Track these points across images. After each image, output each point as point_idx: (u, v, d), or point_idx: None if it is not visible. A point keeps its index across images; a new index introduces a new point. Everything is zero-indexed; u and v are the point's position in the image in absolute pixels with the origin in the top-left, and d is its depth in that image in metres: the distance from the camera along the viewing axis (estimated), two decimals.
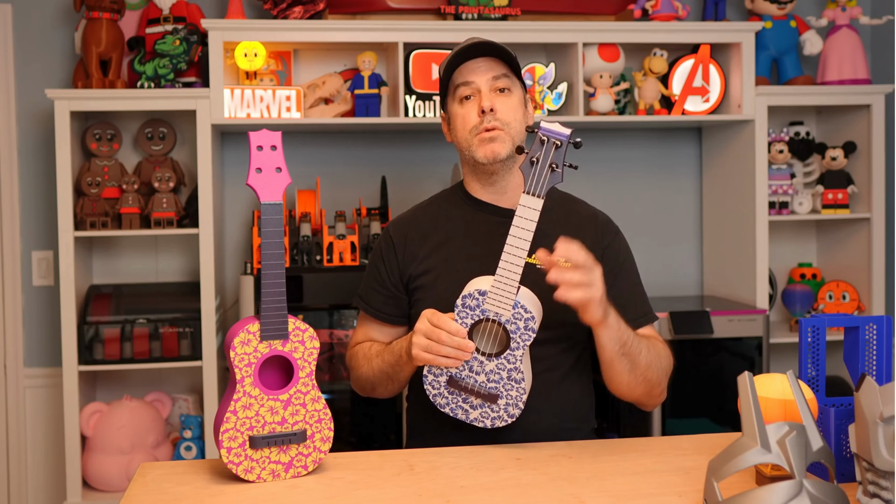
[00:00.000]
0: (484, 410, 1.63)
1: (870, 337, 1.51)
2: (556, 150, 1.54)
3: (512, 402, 1.62)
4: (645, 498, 1.40)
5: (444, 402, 1.65)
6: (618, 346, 1.65)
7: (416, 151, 3.28)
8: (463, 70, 1.80)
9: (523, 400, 1.62)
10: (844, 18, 3.21)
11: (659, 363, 1.74)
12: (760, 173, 3.07)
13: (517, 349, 1.59)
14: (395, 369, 1.76)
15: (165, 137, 3.08)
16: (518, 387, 1.61)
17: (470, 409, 1.64)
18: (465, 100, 1.80)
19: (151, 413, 2.98)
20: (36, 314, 3.18)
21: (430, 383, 1.64)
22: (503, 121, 1.77)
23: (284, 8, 2.92)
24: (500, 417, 1.63)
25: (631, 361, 1.68)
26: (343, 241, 2.90)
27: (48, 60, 3.14)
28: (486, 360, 1.61)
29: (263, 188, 1.49)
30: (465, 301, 1.60)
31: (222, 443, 1.47)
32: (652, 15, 3.05)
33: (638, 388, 1.73)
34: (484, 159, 1.78)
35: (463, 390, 1.63)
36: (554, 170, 1.54)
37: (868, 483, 1.25)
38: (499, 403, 1.62)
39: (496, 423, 1.64)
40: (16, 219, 3.14)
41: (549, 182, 1.54)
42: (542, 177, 1.54)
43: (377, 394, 1.88)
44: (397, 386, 1.82)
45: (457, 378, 1.63)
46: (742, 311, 2.97)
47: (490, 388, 1.62)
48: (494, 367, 1.61)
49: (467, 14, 2.96)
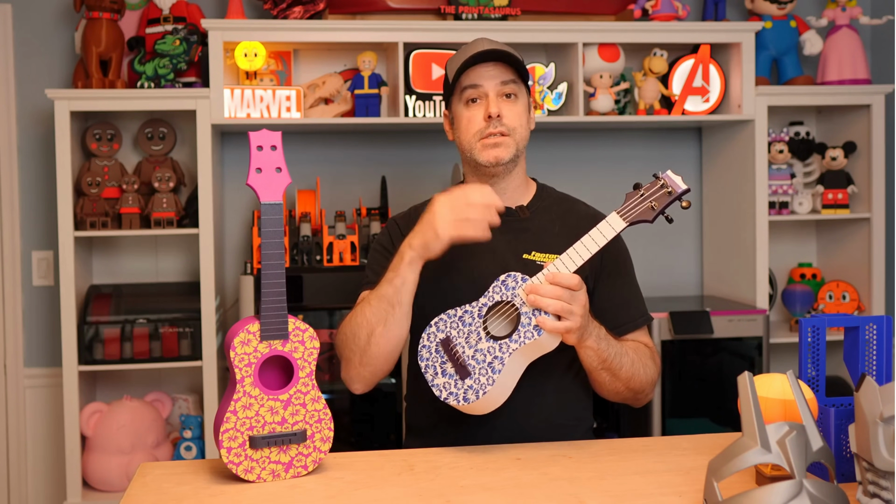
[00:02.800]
0: (448, 381, 1.61)
1: (870, 337, 1.52)
2: (665, 195, 1.60)
3: (477, 386, 1.58)
4: (645, 498, 1.40)
5: (426, 356, 1.64)
6: (597, 362, 1.70)
7: (416, 151, 3.28)
8: (471, 73, 1.80)
9: (485, 392, 1.57)
10: (844, 18, 3.21)
11: (644, 373, 1.77)
12: (760, 173, 3.07)
13: (515, 342, 1.59)
14: (394, 289, 1.65)
15: (165, 137, 3.08)
16: (491, 376, 1.58)
17: (441, 374, 1.62)
18: (472, 102, 1.80)
19: (151, 413, 2.98)
20: (36, 314, 3.18)
21: (428, 335, 1.65)
22: (509, 126, 1.78)
23: (284, 8, 2.92)
24: (456, 395, 1.59)
25: (612, 374, 1.73)
26: (343, 241, 2.90)
27: (48, 60, 3.14)
28: (485, 339, 1.61)
29: (263, 188, 1.49)
30: (506, 279, 1.62)
31: (222, 443, 1.47)
32: (652, 15, 3.05)
33: (620, 395, 1.79)
34: (487, 163, 1.79)
35: (448, 356, 1.62)
36: (652, 209, 1.60)
37: (868, 483, 1.25)
38: (465, 382, 1.60)
39: (448, 399, 1.60)
40: (16, 219, 3.14)
41: (640, 216, 1.60)
42: (638, 208, 1.60)
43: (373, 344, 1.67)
44: (397, 323, 1.66)
45: (453, 341, 1.62)
46: (742, 311, 2.97)
47: (469, 364, 1.60)
48: (486, 349, 1.60)
49: (467, 14, 2.96)
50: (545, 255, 1.77)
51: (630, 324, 1.83)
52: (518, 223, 1.83)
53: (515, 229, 1.81)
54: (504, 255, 1.77)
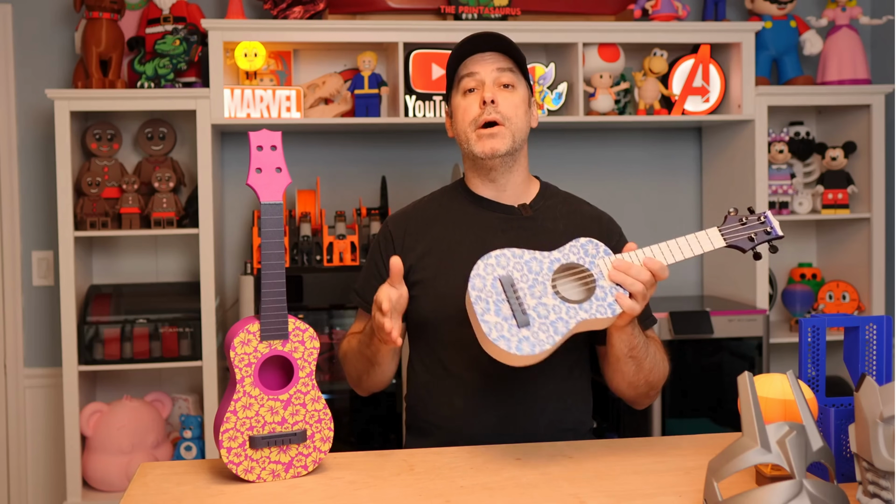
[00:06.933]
0: (501, 322, 1.49)
1: (870, 337, 1.52)
2: (763, 233, 1.67)
3: (534, 340, 1.47)
4: (645, 498, 1.40)
5: (479, 286, 1.52)
6: (627, 348, 1.68)
7: (416, 151, 3.28)
8: (468, 62, 1.80)
9: (543, 349, 1.47)
10: (844, 18, 3.21)
11: (662, 367, 1.77)
12: (760, 173, 3.07)
13: (585, 311, 1.52)
14: (371, 352, 1.75)
15: (165, 137, 3.08)
16: (552, 336, 1.48)
17: (494, 311, 1.50)
18: (469, 92, 1.80)
19: (151, 413, 2.98)
20: (36, 314, 3.18)
21: (486, 265, 1.54)
22: (504, 115, 1.76)
23: (284, 8, 2.92)
24: (508, 340, 1.47)
25: (637, 364, 1.71)
26: (343, 241, 2.90)
27: (48, 60, 3.14)
28: (551, 296, 1.53)
29: (263, 188, 1.49)
30: (586, 244, 1.59)
31: (222, 443, 1.47)
32: (652, 15, 3.05)
33: (639, 389, 1.76)
34: (482, 154, 1.77)
35: (506, 295, 1.51)
36: (751, 239, 1.66)
37: (868, 483, 1.25)
38: (521, 330, 1.48)
39: (498, 341, 1.47)
40: (16, 219, 3.14)
41: (738, 242, 1.65)
42: (739, 234, 1.66)
43: (363, 386, 1.85)
44: (378, 373, 1.80)
45: (516, 283, 1.52)
46: (742, 311, 2.97)
47: (530, 314, 1.50)
48: (552, 305, 1.52)
49: (467, 14, 2.97)
50: None
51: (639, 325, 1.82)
52: (520, 222, 1.81)
53: (517, 228, 1.80)
54: None
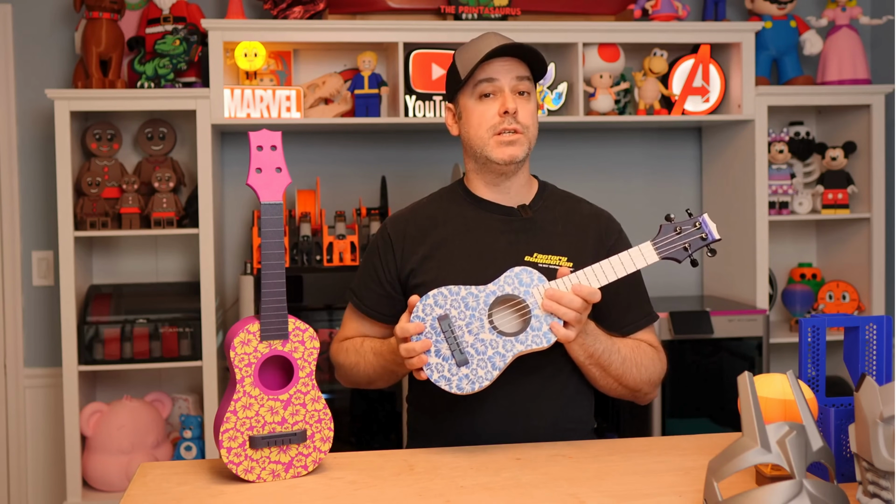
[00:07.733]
0: (441, 363, 1.57)
1: (870, 337, 1.52)
2: (699, 240, 1.64)
3: (473, 377, 1.57)
4: (645, 498, 1.40)
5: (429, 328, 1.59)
6: (584, 356, 1.71)
7: (416, 151, 3.28)
8: (487, 67, 1.76)
9: (482, 386, 1.57)
10: (844, 18, 3.21)
11: (639, 371, 1.76)
12: (760, 173, 3.07)
13: (521, 344, 1.58)
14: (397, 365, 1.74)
15: (165, 137, 3.08)
16: (490, 371, 1.57)
17: (434, 353, 1.58)
18: (485, 97, 1.77)
19: (151, 413, 2.98)
20: (36, 314, 3.18)
21: (424, 306, 1.59)
22: (523, 124, 1.76)
23: (284, 8, 2.92)
24: (448, 381, 1.57)
25: (602, 370, 1.73)
26: (343, 241, 2.90)
27: (48, 60, 3.14)
28: (488, 330, 1.59)
29: (263, 188, 1.50)
30: (520, 273, 1.60)
31: (222, 443, 1.47)
32: (652, 15, 3.05)
33: (617, 391, 1.79)
34: (501, 161, 1.76)
35: (444, 335, 1.58)
36: (685, 249, 1.63)
37: (868, 483, 1.25)
38: (461, 369, 1.57)
39: (439, 382, 1.57)
40: (16, 219, 3.14)
41: (673, 254, 1.63)
42: (672, 245, 1.63)
43: (374, 386, 1.87)
44: (396, 378, 1.83)
45: (453, 322, 1.58)
46: (742, 311, 2.97)
47: (468, 351, 1.57)
48: (488, 341, 1.58)
49: (467, 14, 2.96)
50: (548, 257, 1.75)
51: (634, 324, 1.82)
52: (520, 223, 1.81)
53: (517, 229, 1.80)
54: (506, 258, 1.73)
